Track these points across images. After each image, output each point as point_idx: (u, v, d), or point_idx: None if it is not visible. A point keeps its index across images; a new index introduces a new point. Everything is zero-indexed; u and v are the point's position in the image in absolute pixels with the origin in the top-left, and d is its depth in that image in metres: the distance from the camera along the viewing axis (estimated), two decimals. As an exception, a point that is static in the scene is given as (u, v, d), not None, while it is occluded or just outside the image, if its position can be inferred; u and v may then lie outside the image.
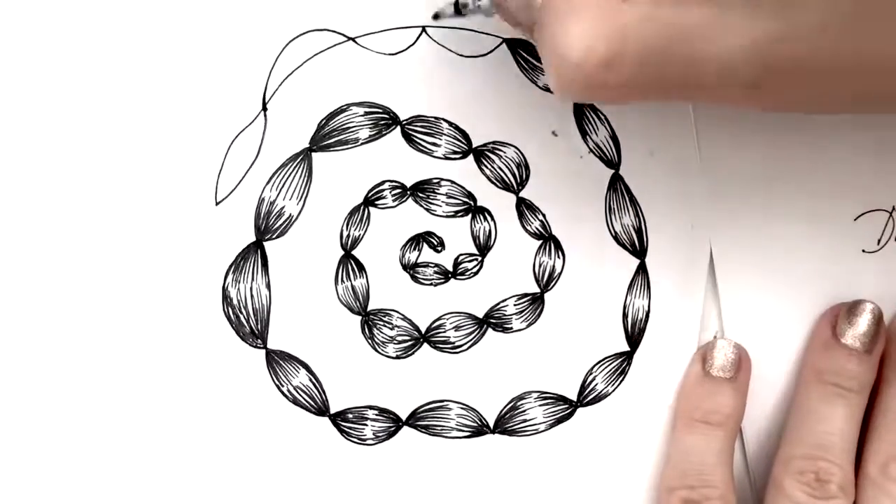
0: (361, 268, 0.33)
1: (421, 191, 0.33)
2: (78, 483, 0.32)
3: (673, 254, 0.34)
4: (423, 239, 0.33)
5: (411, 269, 0.33)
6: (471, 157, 0.33)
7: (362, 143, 0.33)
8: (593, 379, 0.34)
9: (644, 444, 0.35)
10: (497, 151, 0.33)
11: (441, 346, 0.33)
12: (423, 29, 0.33)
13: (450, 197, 0.33)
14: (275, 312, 0.32)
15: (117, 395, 0.32)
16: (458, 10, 0.30)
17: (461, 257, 0.33)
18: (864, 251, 0.35)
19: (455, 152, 0.33)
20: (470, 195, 0.33)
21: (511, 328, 0.34)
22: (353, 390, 0.33)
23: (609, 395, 0.34)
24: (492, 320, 0.34)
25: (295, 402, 0.33)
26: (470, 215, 0.33)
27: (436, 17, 0.30)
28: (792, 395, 0.35)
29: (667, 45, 0.23)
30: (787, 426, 0.34)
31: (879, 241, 0.35)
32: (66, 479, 0.32)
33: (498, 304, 0.34)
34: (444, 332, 0.33)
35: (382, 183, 0.33)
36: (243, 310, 0.32)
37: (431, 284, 0.33)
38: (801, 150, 0.34)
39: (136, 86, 0.32)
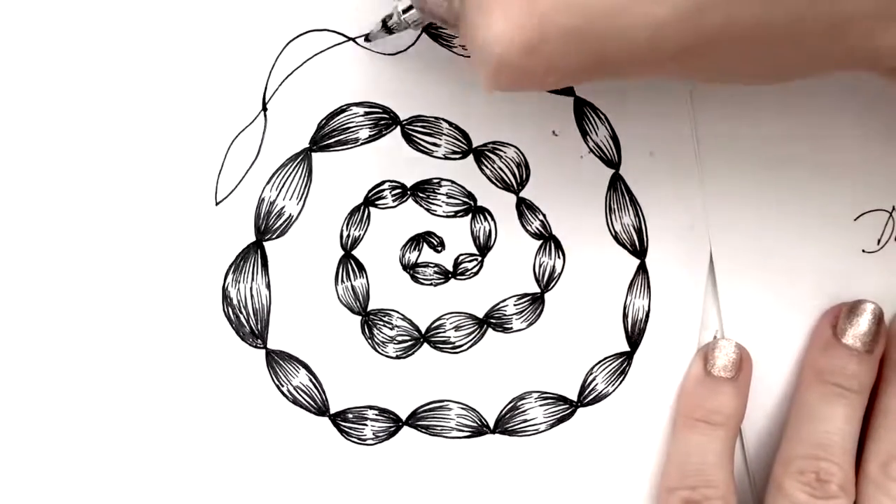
0: (361, 268, 0.33)
1: (421, 191, 0.33)
2: (78, 483, 0.32)
3: (673, 254, 0.34)
4: (423, 239, 0.33)
5: (411, 269, 0.33)
6: (471, 157, 0.33)
7: (362, 143, 0.33)
8: (593, 379, 0.34)
9: (644, 444, 0.35)
10: (497, 151, 0.33)
11: (441, 346, 0.33)
12: (424, 29, 0.33)
13: (450, 197, 0.33)
14: (275, 312, 0.32)
15: (117, 394, 0.32)
16: (388, 29, 0.30)
17: (461, 257, 0.33)
18: (864, 251, 0.35)
19: (455, 152, 0.33)
20: (470, 195, 0.33)
21: (511, 328, 0.34)
22: (353, 390, 0.33)
23: (609, 395, 0.34)
24: (492, 320, 0.34)
25: (295, 402, 0.33)
26: (470, 215, 0.33)
27: (367, 39, 0.31)
28: (792, 395, 0.35)
29: (589, 23, 0.23)
30: (788, 426, 0.34)
31: (879, 240, 0.35)
32: (66, 478, 0.32)
33: (498, 304, 0.34)
34: (444, 332, 0.33)
35: (382, 183, 0.33)
36: (243, 310, 0.32)
37: (431, 284, 0.33)
38: (801, 149, 0.34)
39: (136, 86, 0.32)
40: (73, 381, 0.32)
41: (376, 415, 0.33)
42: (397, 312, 0.33)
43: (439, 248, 0.33)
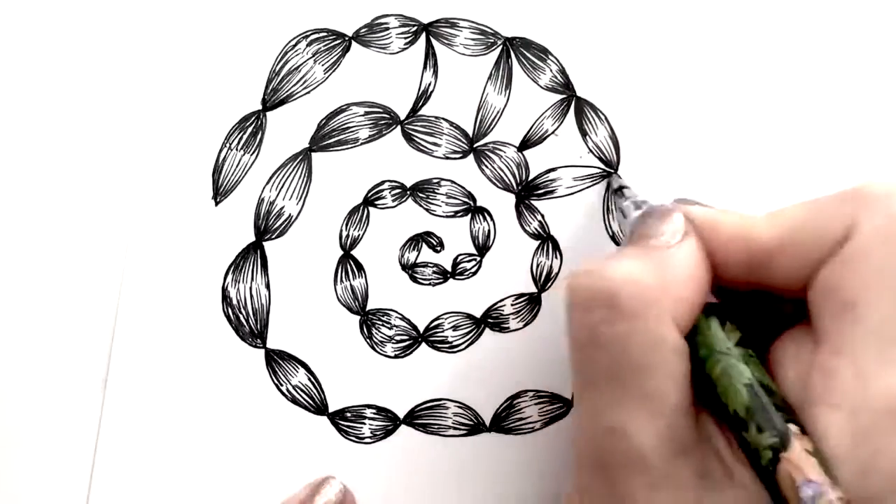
0: (360, 268, 0.33)
1: (421, 191, 0.33)
2: (77, 482, 0.33)
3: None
4: (422, 239, 0.33)
5: (410, 269, 0.33)
6: (471, 157, 0.33)
7: (362, 143, 0.33)
8: (589, 378, 0.34)
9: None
10: (497, 151, 0.33)
11: (439, 345, 0.34)
12: (424, 29, 0.33)
13: (450, 197, 0.33)
14: (274, 312, 0.33)
15: (117, 394, 0.32)
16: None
17: (460, 257, 0.33)
18: None
19: (455, 152, 0.33)
20: (470, 195, 0.33)
21: (508, 328, 0.34)
22: (352, 389, 0.33)
23: (604, 393, 0.35)
24: (489, 320, 0.34)
25: (294, 401, 0.33)
26: (469, 215, 0.33)
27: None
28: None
29: None
30: None
31: None
32: (66, 478, 0.32)
33: (495, 304, 0.34)
34: (442, 331, 0.34)
35: (382, 183, 0.33)
36: (243, 310, 0.32)
37: (430, 284, 0.33)
38: (802, 150, 0.34)
39: (136, 86, 0.31)
40: (73, 379, 0.32)
41: (374, 413, 0.33)
42: (396, 312, 0.33)
43: (438, 249, 0.33)
